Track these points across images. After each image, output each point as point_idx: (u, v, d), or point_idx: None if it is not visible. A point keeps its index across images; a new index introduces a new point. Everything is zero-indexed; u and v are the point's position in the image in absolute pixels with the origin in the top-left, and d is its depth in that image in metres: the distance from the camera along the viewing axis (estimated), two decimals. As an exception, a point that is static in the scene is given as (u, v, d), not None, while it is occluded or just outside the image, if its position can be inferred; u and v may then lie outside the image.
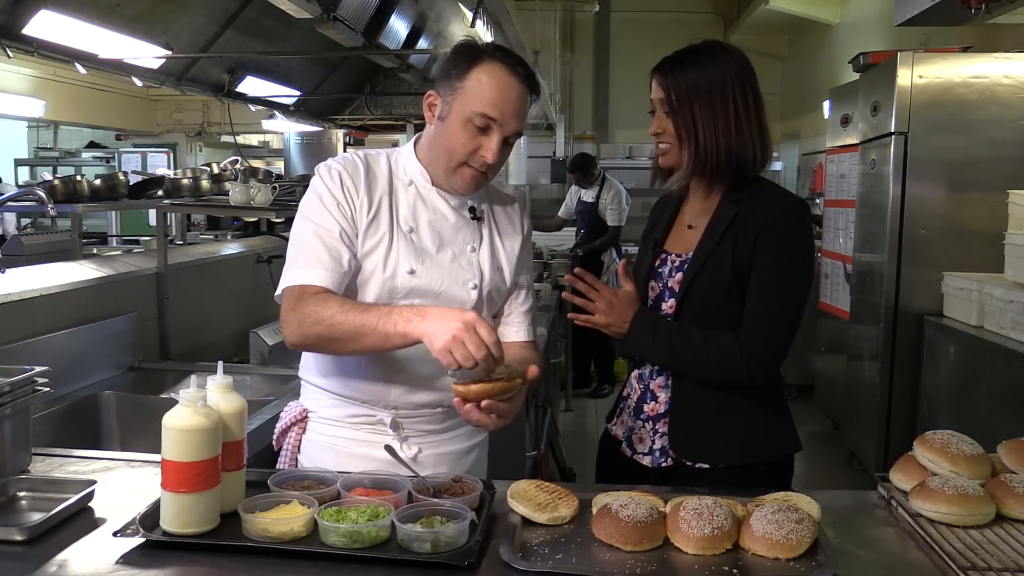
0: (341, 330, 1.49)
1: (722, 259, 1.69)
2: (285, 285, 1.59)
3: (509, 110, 1.59)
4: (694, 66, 1.69)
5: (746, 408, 1.73)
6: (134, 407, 2.56)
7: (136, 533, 1.31)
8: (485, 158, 1.61)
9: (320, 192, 1.64)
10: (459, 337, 1.39)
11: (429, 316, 1.44)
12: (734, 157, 1.69)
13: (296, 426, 1.76)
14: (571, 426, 5.68)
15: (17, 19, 3.28)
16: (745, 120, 1.69)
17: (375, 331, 1.47)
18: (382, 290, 1.63)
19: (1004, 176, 3.94)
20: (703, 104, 1.68)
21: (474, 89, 1.59)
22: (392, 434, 1.68)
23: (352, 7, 3.88)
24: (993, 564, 1.26)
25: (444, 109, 1.63)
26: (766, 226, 1.68)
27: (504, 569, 1.25)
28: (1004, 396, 3.40)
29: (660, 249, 1.84)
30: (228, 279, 3.62)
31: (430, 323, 1.43)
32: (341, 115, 7.54)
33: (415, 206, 1.69)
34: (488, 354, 1.40)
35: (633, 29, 9.60)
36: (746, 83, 1.70)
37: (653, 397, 1.79)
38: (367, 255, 1.63)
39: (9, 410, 1.59)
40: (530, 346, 1.81)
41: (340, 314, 1.49)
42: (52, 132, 10.01)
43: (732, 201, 1.72)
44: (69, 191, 4.09)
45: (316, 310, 1.51)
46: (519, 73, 1.61)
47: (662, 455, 1.75)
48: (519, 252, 1.80)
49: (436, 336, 1.41)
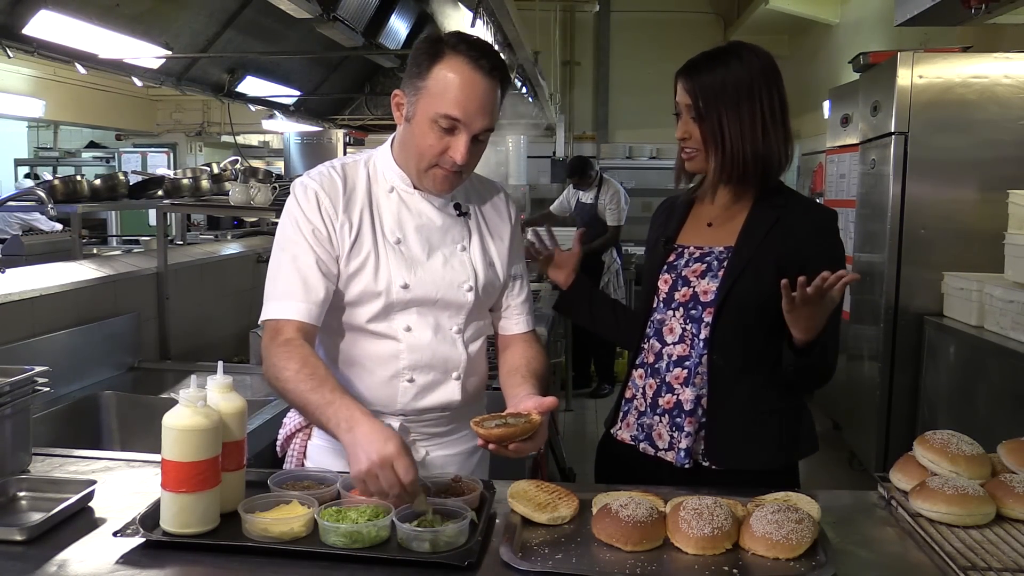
0: (291, 397, 1.52)
1: (765, 261, 1.68)
2: (263, 318, 1.60)
3: (474, 108, 1.53)
4: (720, 68, 1.67)
5: (784, 411, 1.74)
6: (134, 407, 2.56)
7: (136, 533, 1.31)
8: (454, 159, 1.56)
9: (296, 217, 1.61)
10: (373, 472, 1.34)
11: (356, 433, 1.39)
12: (760, 162, 1.68)
13: (301, 432, 1.75)
14: (571, 426, 5.68)
15: (17, 19, 3.28)
16: (771, 124, 1.67)
17: (313, 415, 1.48)
18: (379, 307, 1.62)
19: (1004, 176, 3.93)
20: (730, 110, 1.65)
21: (436, 89, 1.53)
22: None
23: (352, 7, 3.88)
24: (993, 564, 1.26)
25: (410, 110, 1.58)
26: (815, 234, 1.70)
27: (504, 569, 1.25)
28: (1004, 396, 3.40)
29: (673, 244, 1.82)
30: (228, 279, 3.62)
31: (354, 443, 1.38)
32: (341, 115, 7.54)
33: (399, 214, 1.65)
34: (402, 491, 1.34)
35: (633, 29, 9.59)
36: (772, 86, 1.68)
37: (670, 390, 1.75)
38: (355, 275, 1.61)
39: (9, 410, 1.59)
40: (531, 336, 1.80)
41: (293, 382, 1.49)
42: (52, 132, 10.01)
43: (769, 207, 1.72)
44: (69, 191, 4.09)
45: (278, 364, 1.52)
46: (483, 66, 1.54)
47: (686, 456, 1.72)
48: (509, 243, 1.77)
49: (354, 461, 1.37)
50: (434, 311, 1.65)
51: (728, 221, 1.77)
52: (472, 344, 1.70)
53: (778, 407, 1.73)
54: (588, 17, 9.56)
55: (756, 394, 1.71)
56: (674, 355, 1.75)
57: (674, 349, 1.76)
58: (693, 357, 1.73)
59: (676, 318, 1.76)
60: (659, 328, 1.79)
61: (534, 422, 1.46)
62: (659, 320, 1.79)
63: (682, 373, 1.74)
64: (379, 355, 1.64)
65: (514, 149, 7.22)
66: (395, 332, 1.64)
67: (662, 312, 1.79)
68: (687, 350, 1.74)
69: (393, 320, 1.63)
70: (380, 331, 1.64)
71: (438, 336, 1.65)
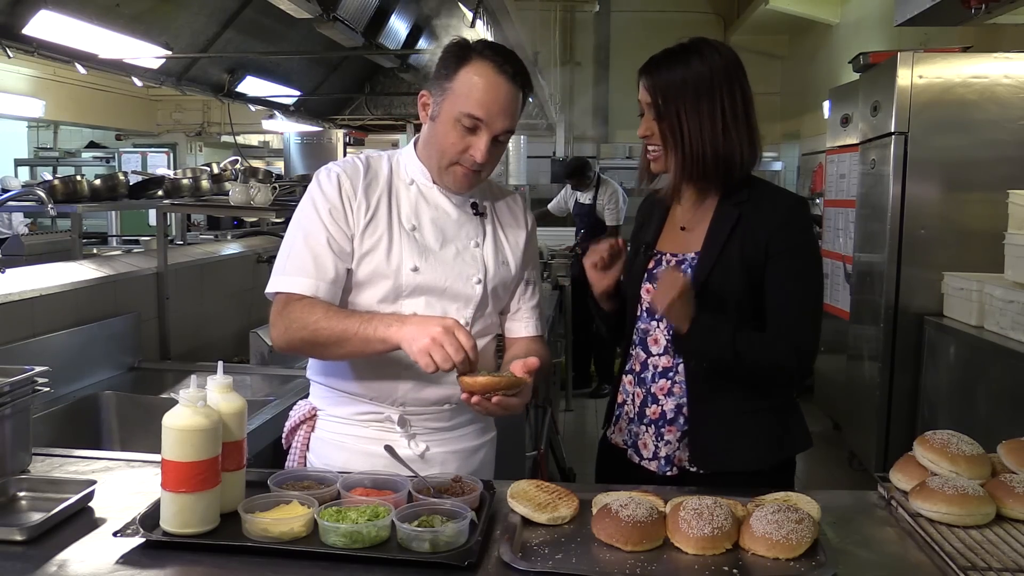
0: (324, 335, 1.54)
1: (730, 261, 1.68)
2: (270, 290, 1.64)
3: (496, 110, 1.59)
4: (680, 66, 1.66)
5: (769, 411, 1.73)
6: (134, 407, 2.56)
7: (136, 533, 1.31)
8: (474, 157, 1.62)
9: (315, 197, 1.66)
10: (438, 340, 1.42)
11: (409, 322, 1.49)
12: (721, 161, 1.67)
13: (305, 424, 1.77)
14: (571, 426, 5.68)
15: (17, 19, 3.28)
16: (732, 122, 1.66)
17: (356, 336, 1.52)
18: (388, 288, 1.64)
19: (1004, 176, 3.94)
20: (689, 107, 1.65)
21: (461, 90, 1.60)
22: (400, 431, 1.68)
23: (352, 7, 3.88)
24: (993, 564, 1.26)
25: (435, 109, 1.65)
26: (777, 227, 1.68)
27: (504, 569, 1.25)
28: (1004, 396, 3.40)
29: (652, 251, 1.82)
30: (228, 279, 3.62)
31: (410, 328, 1.47)
32: (341, 115, 7.54)
33: (417, 205, 1.70)
34: (466, 357, 1.43)
35: (633, 29, 9.60)
36: (734, 82, 1.67)
37: (655, 400, 1.76)
38: (367, 255, 1.64)
39: (9, 410, 1.59)
40: (538, 340, 1.82)
41: (324, 320, 1.54)
42: (52, 132, 10.02)
43: (732, 204, 1.71)
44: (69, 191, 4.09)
45: (302, 316, 1.56)
46: (507, 71, 1.60)
47: (667, 463, 1.73)
48: (524, 246, 1.80)
49: (415, 339, 1.44)
50: (442, 301, 1.67)
51: (698, 224, 1.76)
52: (479, 340, 1.71)
53: (762, 406, 1.72)
54: (588, 17, 9.56)
55: (738, 395, 1.71)
56: (659, 366, 1.76)
57: (659, 360, 1.76)
58: (673, 366, 1.74)
59: (660, 329, 1.76)
60: (644, 338, 1.79)
61: (520, 378, 1.51)
62: (643, 330, 1.79)
63: (666, 384, 1.75)
64: None
65: (514, 149, 7.21)
66: None
67: (646, 322, 1.79)
68: (671, 361, 1.75)
69: (401, 305, 1.65)
70: None
71: None
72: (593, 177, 6.62)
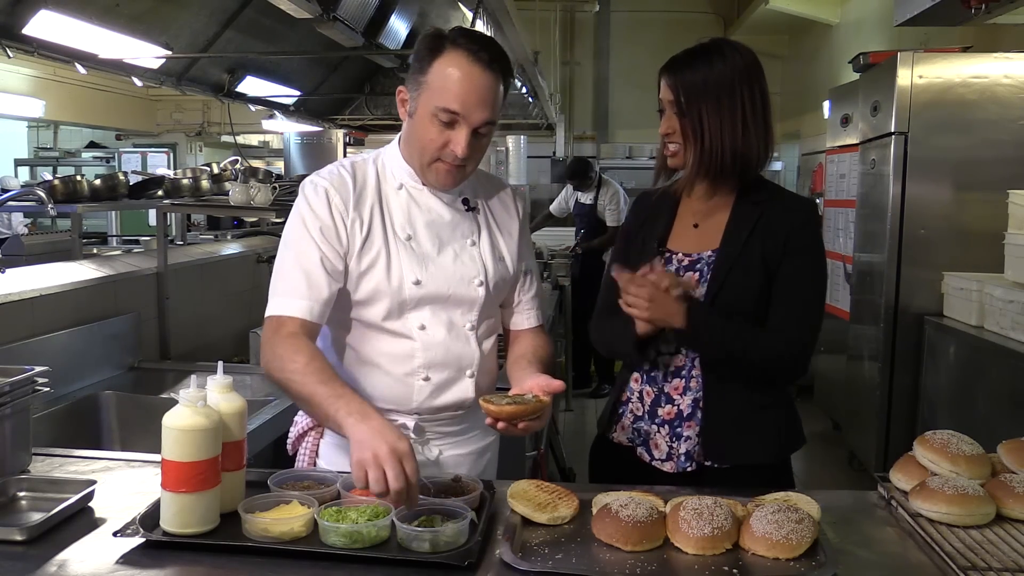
0: (295, 389, 1.51)
1: (752, 260, 1.69)
2: (267, 314, 1.60)
3: (473, 101, 1.53)
4: (703, 66, 1.68)
5: (775, 406, 1.75)
6: (134, 407, 2.56)
7: (136, 533, 1.31)
8: (455, 152, 1.56)
9: (304, 214, 1.61)
10: (380, 460, 1.32)
11: (369, 423, 1.39)
12: (739, 158, 1.69)
13: (313, 431, 1.74)
14: (571, 426, 5.68)
15: (17, 19, 3.28)
16: (752, 121, 1.68)
17: (320, 407, 1.48)
18: (391, 305, 1.62)
19: (1004, 176, 3.94)
20: (710, 105, 1.67)
21: (436, 83, 1.54)
22: (415, 438, 1.66)
23: (352, 7, 3.87)
24: (993, 564, 1.26)
25: (412, 105, 1.60)
26: (797, 226, 1.71)
27: (504, 569, 1.25)
28: (1004, 396, 3.40)
29: (663, 249, 1.81)
30: (228, 279, 3.62)
31: (362, 431, 1.38)
32: (341, 115, 7.54)
33: (409, 210, 1.66)
34: (403, 488, 1.32)
35: (633, 29, 9.60)
36: (754, 83, 1.69)
37: (669, 400, 1.76)
38: (366, 273, 1.61)
39: (9, 410, 1.59)
40: (540, 331, 1.83)
41: (300, 374, 1.49)
42: (52, 132, 10.02)
43: (752, 203, 1.73)
44: (69, 191, 4.09)
45: (286, 356, 1.52)
46: (482, 59, 1.54)
47: (687, 459, 1.73)
48: (518, 237, 1.78)
49: (360, 448, 1.35)
50: (447, 308, 1.66)
51: (712, 221, 1.77)
52: (485, 341, 1.71)
53: (768, 402, 1.75)
54: (588, 17, 9.56)
55: (749, 390, 1.73)
56: (671, 365, 1.76)
57: (671, 360, 1.77)
58: (687, 364, 1.74)
59: None
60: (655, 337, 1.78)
61: (544, 402, 1.49)
62: None
63: (680, 383, 1.76)
64: (394, 354, 1.64)
65: (514, 149, 7.22)
66: (409, 331, 1.64)
67: None
68: (683, 359, 1.75)
69: (407, 318, 1.63)
70: (395, 329, 1.64)
71: (452, 334, 1.66)
72: (595, 177, 6.62)
